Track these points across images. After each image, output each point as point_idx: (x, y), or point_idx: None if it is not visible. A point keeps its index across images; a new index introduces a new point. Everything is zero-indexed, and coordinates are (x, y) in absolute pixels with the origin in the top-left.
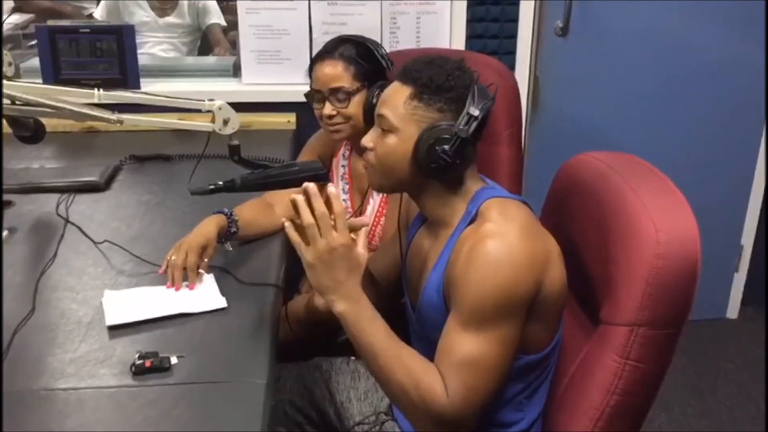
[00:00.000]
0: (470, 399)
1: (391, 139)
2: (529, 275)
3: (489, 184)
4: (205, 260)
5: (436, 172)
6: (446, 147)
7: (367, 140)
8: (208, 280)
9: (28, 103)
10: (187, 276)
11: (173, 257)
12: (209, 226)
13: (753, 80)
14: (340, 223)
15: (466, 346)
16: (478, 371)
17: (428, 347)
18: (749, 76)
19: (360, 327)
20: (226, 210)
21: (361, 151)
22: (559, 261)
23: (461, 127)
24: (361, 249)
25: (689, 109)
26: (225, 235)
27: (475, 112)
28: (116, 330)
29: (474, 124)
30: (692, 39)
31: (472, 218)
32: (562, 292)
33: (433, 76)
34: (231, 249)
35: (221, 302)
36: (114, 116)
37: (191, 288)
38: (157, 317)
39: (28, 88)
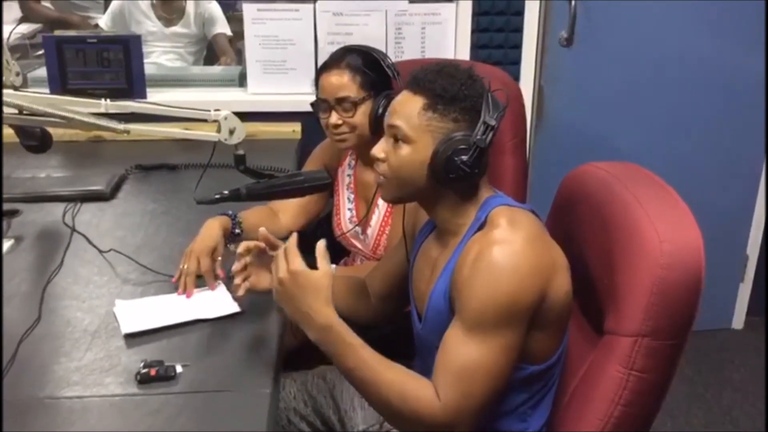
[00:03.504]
0: (465, 405)
1: (406, 150)
2: (533, 284)
3: (498, 193)
4: (219, 258)
5: (454, 182)
6: (464, 158)
7: (379, 151)
8: (219, 287)
9: (35, 113)
10: (201, 283)
11: (185, 265)
12: (214, 229)
13: (757, 91)
14: (286, 256)
15: (467, 351)
16: (475, 378)
17: (434, 355)
18: (754, 87)
19: (336, 352)
20: (229, 212)
21: (367, 160)
22: (565, 272)
23: (479, 137)
24: (322, 268)
25: (693, 119)
26: (228, 236)
27: (492, 122)
28: (121, 339)
29: (491, 134)
30: (697, 49)
31: (481, 225)
32: (567, 303)
33: (447, 86)
34: (233, 249)
35: (234, 307)
36: (121, 126)
37: (213, 288)
38: (172, 324)
39: (36, 98)
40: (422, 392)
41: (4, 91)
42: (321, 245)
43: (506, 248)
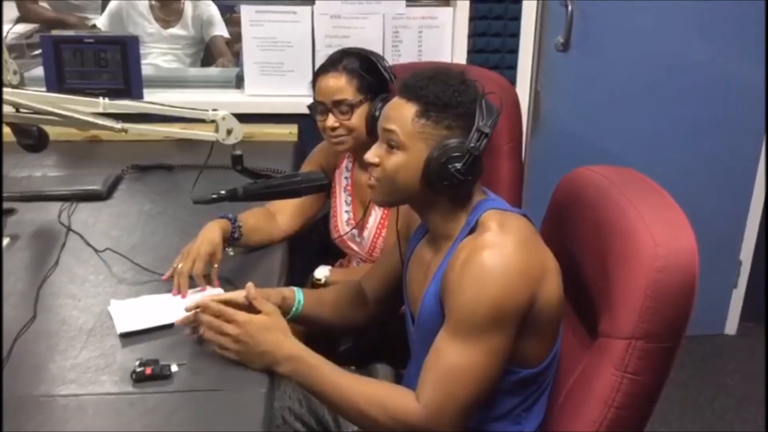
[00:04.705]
0: (445, 407)
1: (399, 157)
2: (522, 288)
3: (490, 196)
4: (215, 266)
5: (448, 189)
6: (458, 165)
7: (372, 156)
8: (215, 287)
9: (33, 112)
10: (194, 284)
11: (180, 265)
12: (214, 232)
13: (752, 96)
14: (229, 311)
15: (452, 354)
16: (458, 380)
17: None
18: (748, 92)
19: (307, 380)
20: (230, 215)
21: (363, 163)
22: (556, 277)
23: (473, 144)
24: (265, 309)
25: (688, 123)
26: (228, 239)
27: (486, 129)
28: (117, 337)
29: (485, 141)
30: (692, 55)
31: (472, 228)
32: (558, 308)
33: (439, 93)
34: (232, 253)
35: None
36: (119, 125)
37: (204, 289)
38: (167, 324)
39: (35, 96)
40: (400, 399)
41: (4, 89)
42: (249, 288)
43: (495, 252)
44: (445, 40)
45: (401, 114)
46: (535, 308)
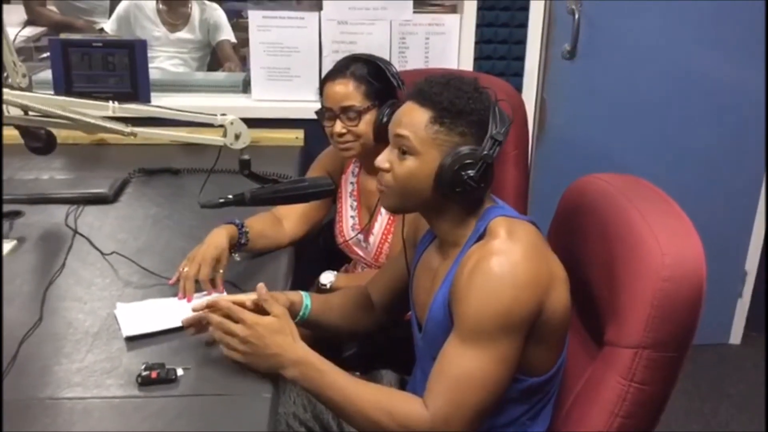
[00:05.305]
0: (454, 415)
1: (411, 162)
2: (530, 295)
3: (499, 204)
4: (220, 271)
5: (460, 195)
6: (471, 172)
7: (383, 161)
8: (220, 292)
9: (42, 114)
10: (200, 288)
11: (186, 268)
12: (220, 237)
13: (758, 106)
14: (238, 310)
15: (461, 362)
16: (467, 388)
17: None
18: (755, 101)
19: (315, 385)
20: (237, 221)
21: (370, 168)
22: (564, 285)
23: (486, 152)
24: (274, 311)
25: (694, 131)
26: (235, 245)
27: (499, 137)
28: (123, 341)
29: (497, 148)
30: (698, 64)
31: (480, 235)
32: (565, 316)
33: (454, 99)
34: (239, 259)
35: None
36: (128, 129)
37: (210, 293)
38: (172, 328)
39: (44, 99)
40: (408, 406)
41: (13, 91)
42: (260, 289)
43: (504, 259)
44: (452, 46)
45: (414, 119)
46: (543, 316)
